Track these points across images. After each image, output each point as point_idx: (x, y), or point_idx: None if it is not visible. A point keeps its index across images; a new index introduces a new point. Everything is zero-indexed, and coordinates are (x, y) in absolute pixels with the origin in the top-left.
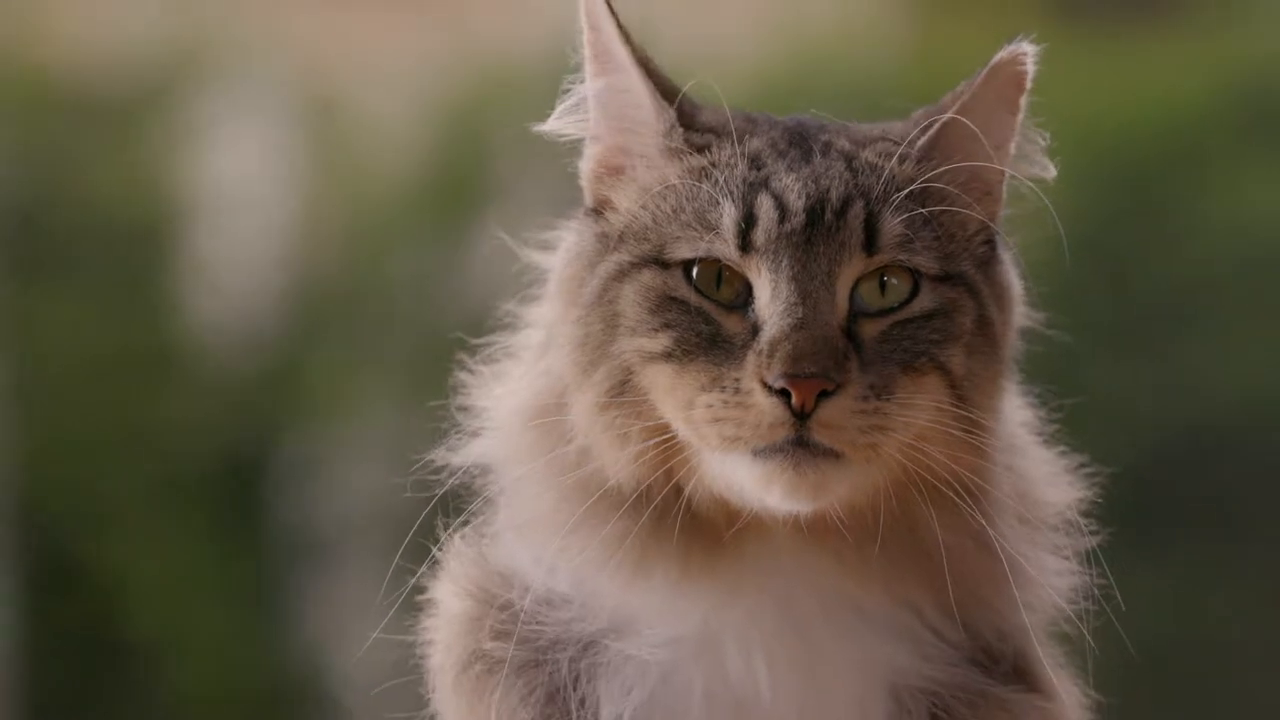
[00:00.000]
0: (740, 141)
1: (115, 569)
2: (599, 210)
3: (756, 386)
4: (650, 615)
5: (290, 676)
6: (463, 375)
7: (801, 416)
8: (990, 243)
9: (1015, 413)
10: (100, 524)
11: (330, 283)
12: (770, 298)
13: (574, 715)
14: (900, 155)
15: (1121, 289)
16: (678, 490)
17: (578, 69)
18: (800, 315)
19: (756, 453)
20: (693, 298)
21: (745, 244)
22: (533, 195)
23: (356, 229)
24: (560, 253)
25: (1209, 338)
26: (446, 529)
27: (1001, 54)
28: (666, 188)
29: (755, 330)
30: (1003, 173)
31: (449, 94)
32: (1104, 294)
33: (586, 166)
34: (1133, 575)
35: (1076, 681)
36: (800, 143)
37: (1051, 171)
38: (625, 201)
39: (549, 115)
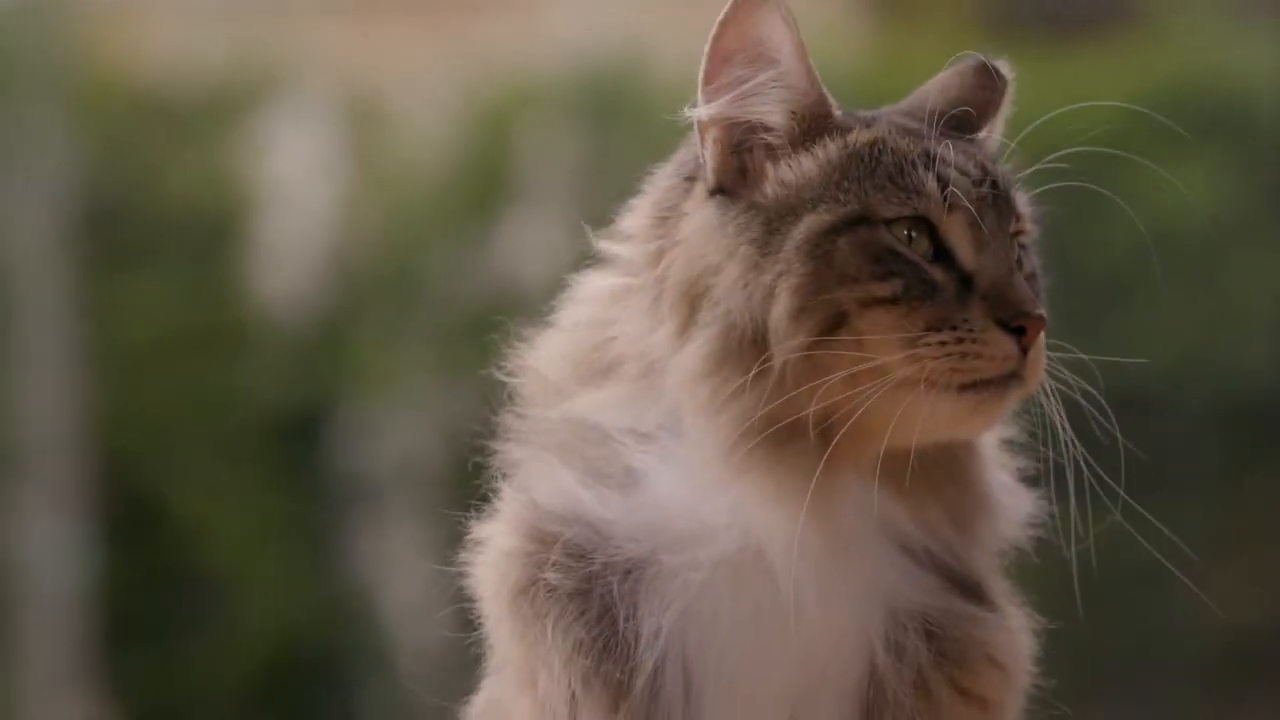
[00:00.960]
0: (873, 124)
1: (191, 512)
2: (733, 191)
3: (990, 325)
4: (720, 533)
5: (342, 605)
6: (521, 342)
7: (1024, 350)
8: None
9: None
10: (178, 474)
11: (373, 266)
12: (977, 250)
13: (621, 630)
14: (978, 143)
15: (1059, 270)
16: (833, 424)
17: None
18: (1012, 265)
19: (966, 386)
20: (904, 250)
21: (948, 204)
22: (550, 189)
23: (395, 219)
24: (693, 231)
25: (1135, 312)
26: (486, 478)
27: (1006, 73)
28: (848, 157)
29: (964, 279)
30: None
31: (476, 101)
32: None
33: (716, 152)
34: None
35: (1023, 608)
36: (909, 126)
37: None
38: (788, 174)
39: (576, 115)
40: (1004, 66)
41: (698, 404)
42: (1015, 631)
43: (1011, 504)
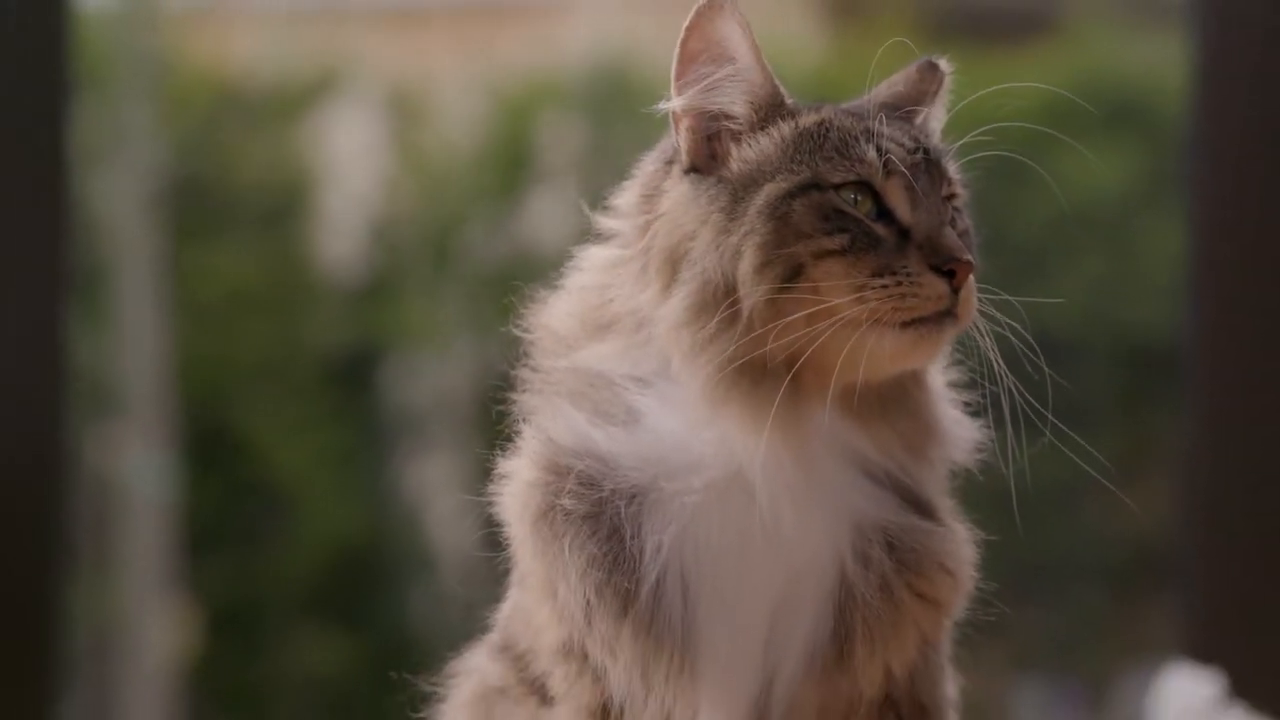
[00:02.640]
0: (819, 109)
1: (262, 441)
2: (703, 169)
3: (925, 270)
4: (710, 461)
5: (390, 519)
6: (539, 297)
7: (955, 290)
8: None
9: None
10: (251, 408)
11: (414, 235)
12: (913, 207)
13: (628, 547)
14: (916, 122)
15: (991, 234)
16: (802, 365)
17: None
18: (944, 219)
19: (906, 324)
20: (850, 210)
21: (887, 170)
22: (563, 171)
23: (432, 196)
24: (672, 204)
25: (1056, 270)
26: (508, 421)
27: (943, 68)
28: (799, 135)
29: (903, 233)
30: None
31: (501, 97)
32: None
33: (689, 138)
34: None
35: (965, 522)
36: (854, 110)
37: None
38: (748, 152)
39: (585, 108)
40: (943, 62)
41: (682, 349)
42: (961, 543)
43: (959, 433)
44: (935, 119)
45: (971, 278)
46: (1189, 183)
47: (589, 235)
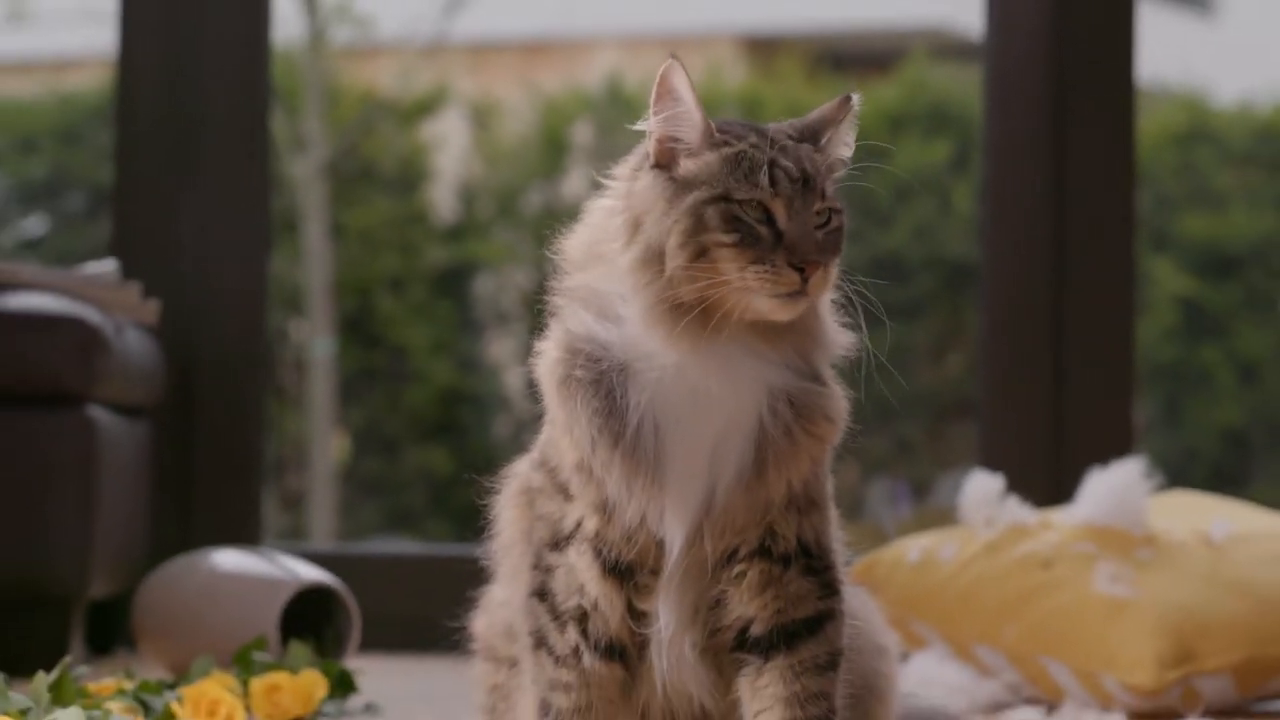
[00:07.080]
0: (743, 139)
1: (394, 325)
2: (663, 167)
3: (786, 265)
4: (661, 355)
5: (478, 375)
6: (561, 244)
7: (805, 280)
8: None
9: None
10: (388, 304)
11: (491, 194)
12: (787, 219)
13: (618, 403)
14: (819, 150)
15: (862, 198)
16: (707, 307)
17: (656, 98)
18: (806, 229)
19: (774, 296)
20: (744, 216)
21: (774, 191)
22: (587, 157)
23: (503, 171)
24: (640, 186)
25: (902, 215)
26: (545, 315)
27: (853, 102)
28: (722, 160)
29: (779, 235)
30: (847, 160)
31: (548, 106)
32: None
33: (656, 147)
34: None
35: (841, 383)
36: (768, 138)
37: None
38: (689, 166)
39: (619, 119)
40: (855, 97)
41: (631, 287)
42: (838, 399)
43: (838, 339)
44: (846, 134)
45: (821, 270)
46: (983, 160)
47: (598, 191)
